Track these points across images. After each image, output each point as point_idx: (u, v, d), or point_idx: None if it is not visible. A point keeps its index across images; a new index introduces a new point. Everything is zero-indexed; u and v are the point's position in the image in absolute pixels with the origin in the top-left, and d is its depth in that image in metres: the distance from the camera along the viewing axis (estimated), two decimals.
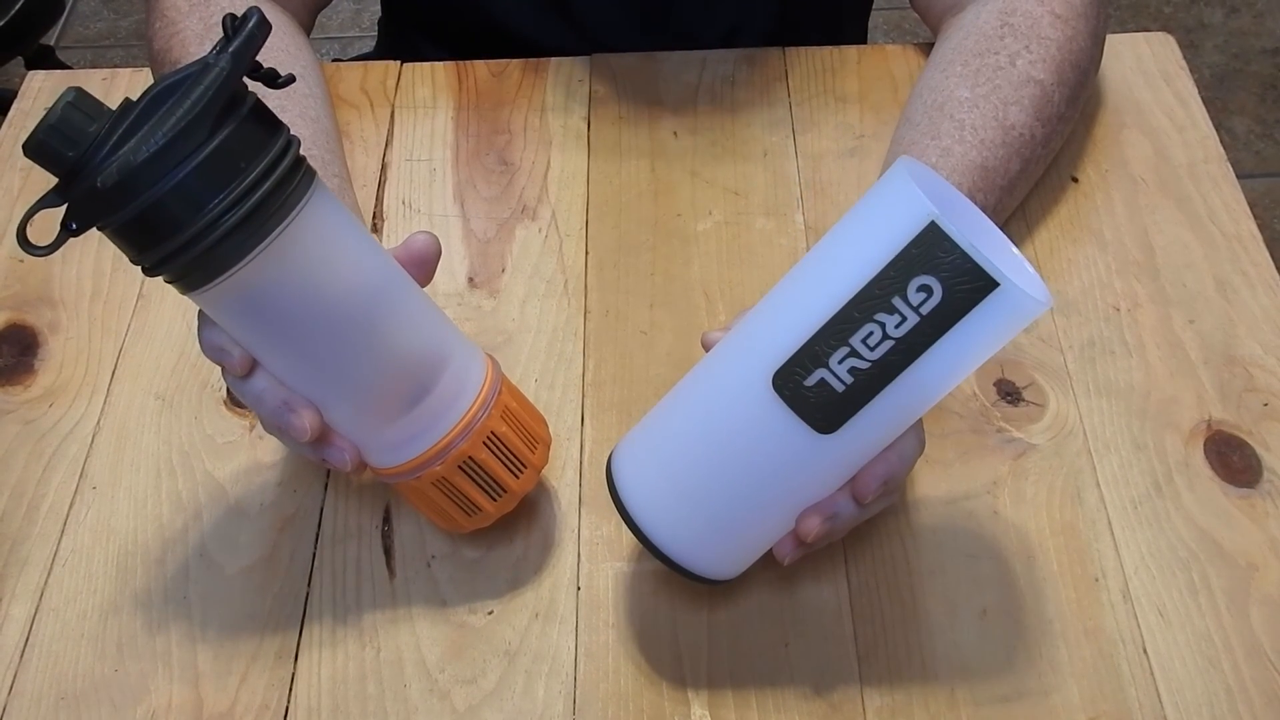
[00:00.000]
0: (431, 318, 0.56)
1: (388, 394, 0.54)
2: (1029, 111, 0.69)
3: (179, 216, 0.47)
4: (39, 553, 0.63)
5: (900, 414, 0.51)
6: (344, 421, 0.55)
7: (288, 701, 0.58)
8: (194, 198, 0.46)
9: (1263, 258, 0.73)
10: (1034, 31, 0.71)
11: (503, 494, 0.58)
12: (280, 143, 0.49)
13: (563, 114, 0.81)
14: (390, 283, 0.54)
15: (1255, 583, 0.60)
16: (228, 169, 0.47)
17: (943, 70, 0.72)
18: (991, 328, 0.47)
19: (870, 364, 0.48)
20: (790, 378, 0.49)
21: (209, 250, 0.47)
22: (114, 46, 2.10)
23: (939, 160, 0.67)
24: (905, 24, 2.07)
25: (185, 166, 0.46)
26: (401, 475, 0.56)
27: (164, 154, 0.45)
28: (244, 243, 0.48)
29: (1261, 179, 1.86)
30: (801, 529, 0.53)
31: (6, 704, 0.58)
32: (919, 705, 0.57)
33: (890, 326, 0.47)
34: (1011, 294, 0.46)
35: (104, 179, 0.45)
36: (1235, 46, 2.04)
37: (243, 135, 0.47)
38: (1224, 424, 0.66)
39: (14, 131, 0.82)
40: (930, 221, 0.45)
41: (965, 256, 0.45)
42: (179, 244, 0.47)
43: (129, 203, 0.46)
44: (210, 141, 0.46)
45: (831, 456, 0.51)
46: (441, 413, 0.55)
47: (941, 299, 0.46)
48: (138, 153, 0.45)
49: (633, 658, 0.58)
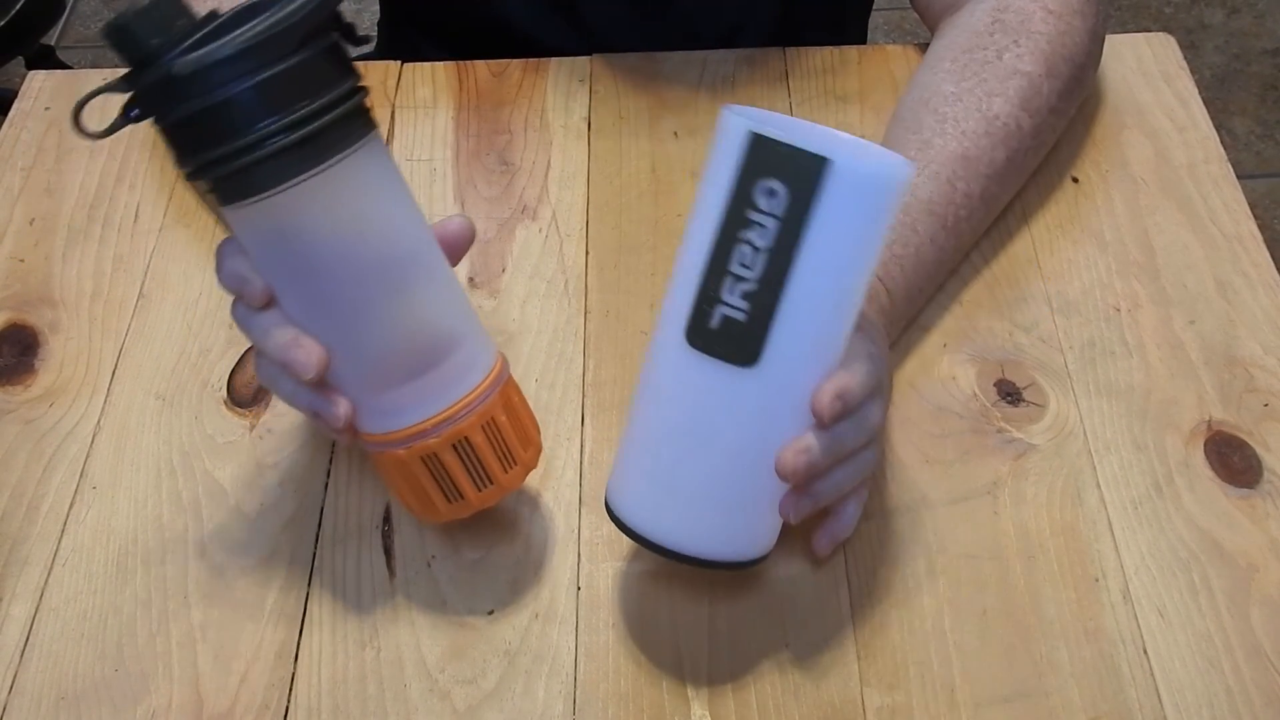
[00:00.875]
0: (455, 296, 0.56)
1: (397, 358, 0.54)
2: (1014, 102, 0.69)
3: (239, 122, 0.48)
4: (39, 552, 0.63)
5: (815, 322, 0.51)
6: (345, 377, 0.54)
7: (288, 701, 0.58)
8: (260, 107, 0.48)
9: (1263, 258, 0.73)
10: (1024, 27, 0.71)
11: (489, 484, 0.56)
12: (351, 83, 0.51)
13: (563, 114, 0.81)
14: (424, 251, 0.54)
15: (1256, 583, 0.60)
16: (299, 90, 0.48)
17: (932, 68, 0.72)
18: (851, 205, 0.49)
19: (756, 282, 0.49)
20: (698, 327, 0.51)
21: (257, 164, 0.48)
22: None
23: (918, 153, 0.68)
24: (905, 24, 2.07)
25: (261, 74, 0.47)
26: (391, 444, 0.55)
27: (244, 56, 0.47)
28: (292, 166, 0.49)
29: (1262, 179, 1.86)
30: (778, 468, 0.52)
31: (6, 704, 0.58)
32: (919, 706, 0.57)
33: (757, 240, 0.49)
34: (850, 166, 0.47)
35: (180, 67, 0.46)
36: (1236, 47, 2.04)
37: (320, 64, 0.49)
38: (1224, 424, 0.66)
39: (14, 131, 0.82)
40: (749, 133, 0.48)
41: (789, 147, 0.48)
42: (231, 150, 0.48)
43: (198, 97, 0.47)
44: (291, 57, 0.48)
45: (771, 389, 0.51)
46: (445, 387, 0.55)
47: (788, 194, 0.48)
48: (220, 50, 0.46)
49: (633, 658, 0.58)
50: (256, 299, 0.53)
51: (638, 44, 0.85)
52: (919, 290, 0.67)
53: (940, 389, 0.67)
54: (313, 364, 0.52)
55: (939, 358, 0.69)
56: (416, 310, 0.54)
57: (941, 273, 0.69)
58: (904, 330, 0.69)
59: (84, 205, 0.78)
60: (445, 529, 0.63)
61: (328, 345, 0.53)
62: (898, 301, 0.65)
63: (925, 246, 0.66)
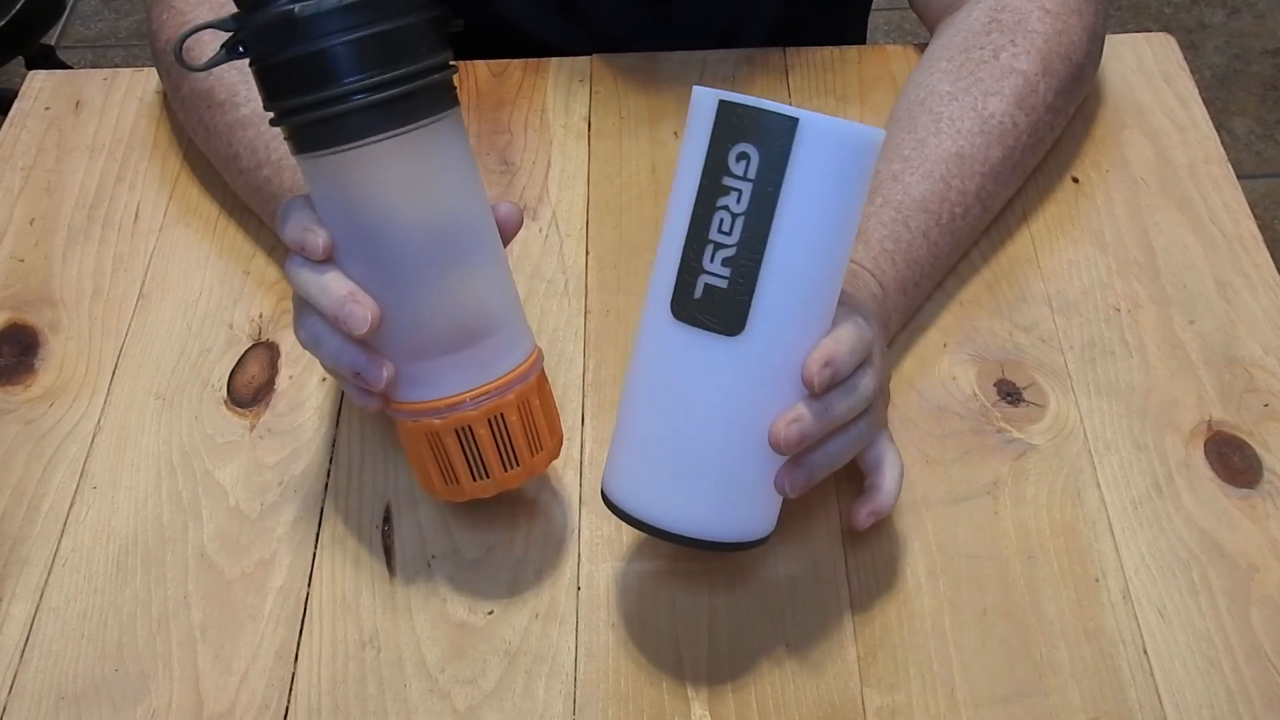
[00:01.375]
0: (506, 278, 0.57)
1: (445, 328, 0.55)
2: (1009, 100, 0.69)
3: (340, 71, 0.50)
4: (39, 552, 0.63)
5: (797, 287, 0.51)
6: (391, 341, 0.55)
7: (288, 701, 0.58)
8: (362, 61, 0.50)
9: (1263, 258, 0.73)
10: (1021, 26, 0.71)
11: (516, 465, 0.57)
12: (445, 56, 0.53)
13: (563, 114, 0.81)
14: (484, 229, 0.56)
15: (1256, 584, 0.60)
16: (400, 52, 0.51)
17: (929, 68, 0.72)
18: (824, 164, 0.49)
19: (735, 248, 0.50)
20: (682, 299, 0.51)
21: (347, 114, 0.50)
22: (114, 46, 2.10)
23: (913, 151, 0.68)
24: (905, 24, 2.07)
25: (374, 27, 0.50)
26: (427, 414, 0.56)
27: (362, 7, 0.49)
28: (380, 122, 0.51)
29: (1262, 179, 1.86)
30: (771, 440, 0.52)
31: (6, 704, 0.58)
32: (919, 706, 0.57)
33: (734, 205, 0.49)
34: (818, 124, 0.48)
35: (302, 9, 0.49)
36: (1236, 47, 2.04)
37: (424, 31, 0.52)
38: (1224, 425, 0.66)
39: (14, 131, 0.82)
40: (718, 101, 0.49)
41: (757, 110, 0.48)
42: (327, 97, 0.50)
43: (308, 40, 0.49)
44: (402, 18, 0.50)
45: (758, 357, 0.51)
46: (487, 363, 0.56)
47: (760, 157, 0.49)
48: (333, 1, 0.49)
49: (633, 657, 0.58)
50: (319, 252, 0.53)
51: (638, 40, 0.85)
52: (914, 285, 0.67)
53: (940, 389, 0.68)
54: (367, 319, 0.53)
55: (939, 358, 0.69)
56: (470, 284, 0.55)
57: (938, 269, 0.69)
58: (902, 327, 0.69)
59: (84, 205, 0.78)
60: (445, 528, 0.63)
61: (381, 304, 0.54)
62: (890, 294, 0.65)
63: (917, 242, 0.66)
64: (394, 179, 0.52)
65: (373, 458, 0.66)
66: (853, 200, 0.51)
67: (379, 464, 0.65)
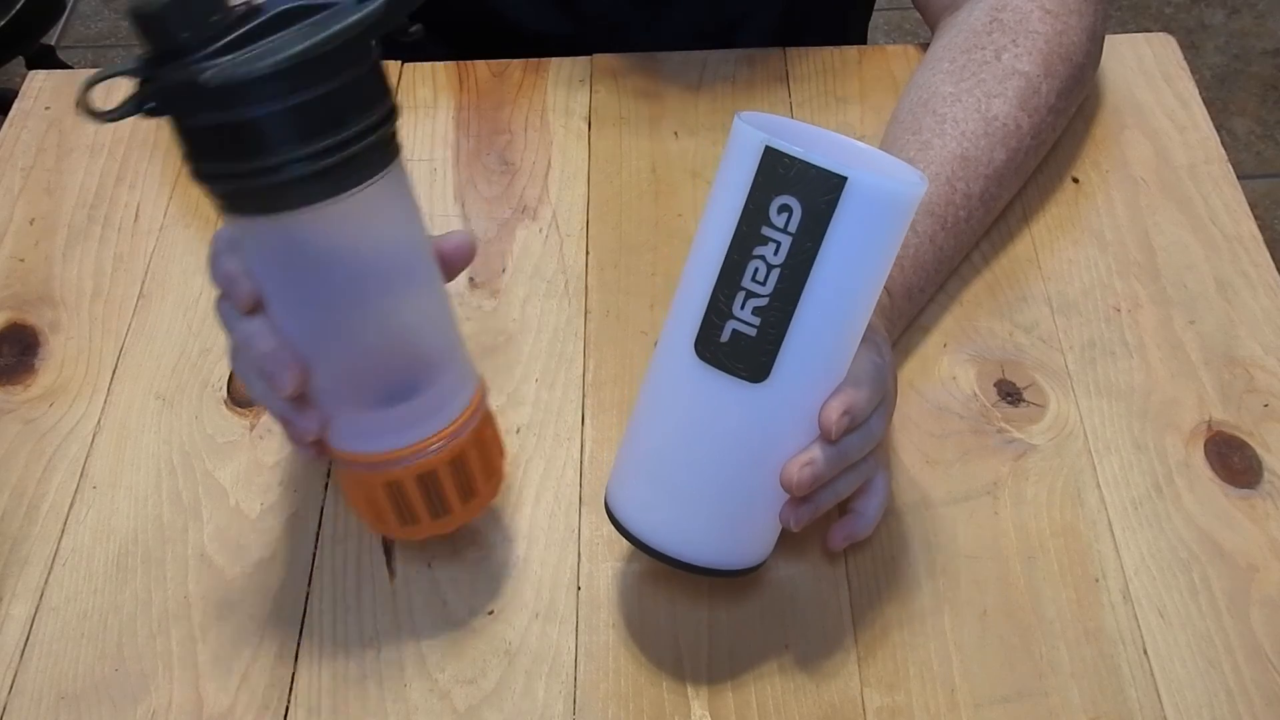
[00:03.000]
0: (446, 328, 0.54)
1: (378, 384, 0.53)
2: (1013, 102, 0.69)
3: (261, 145, 0.44)
4: (39, 552, 0.63)
5: (825, 339, 0.50)
6: (322, 392, 0.52)
7: (288, 701, 0.58)
8: (287, 133, 0.44)
9: (1263, 259, 0.73)
10: (1022, 26, 0.71)
11: (445, 515, 0.56)
12: (385, 108, 0.47)
13: (564, 114, 0.81)
14: (424, 282, 0.53)
15: (1256, 584, 0.60)
16: (331, 118, 0.44)
17: (931, 68, 0.72)
18: (865, 223, 0.48)
19: (768, 298, 0.49)
20: (707, 340, 0.50)
21: (273, 187, 0.45)
22: (114, 46, 2.10)
23: (918, 154, 0.68)
24: (906, 24, 2.07)
25: (294, 98, 0.43)
26: (359, 465, 0.54)
27: (282, 77, 0.42)
28: (310, 193, 0.46)
29: (1262, 180, 1.86)
30: (784, 482, 0.52)
31: (6, 703, 0.58)
32: (919, 706, 0.57)
33: (770, 256, 0.48)
34: (866, 184, 0.47)
35: (209, 76, 0.42)
36: (1236, 47, 2.04)
37: (358, 90, 0.45)
38: (1224, 425, 0.66)
39: (15, 131, 0.82)
40: (765, 146, 0.47)
41: (805, 164, 0.47)
42: (245, 170, 0.45)
43: (220, 109, 0.43)
44: (332, 81, 0.43)
45: (779, 404, 0.51)
46: (421, 419, 0.53)
47: (803, 212, 0.47)
48: (257, 63, 0.42)
49: (633, 658, 0.58)
50: (244, 305, 0.50)
51: (631, 30, 0.85)
52: (919, 290, 0.67)
53: (940, 389, 0.67)
54: (290, 384, 0.50)
55: (939, 358, 0.69)
56: (405, 340, 0.53)
57: (941, 273, 0.69)
58: (905, 330, 0.69)
59: (84, 205, 0.78)
60: None
61: (310, 359, 0.51)
62: (897, 301, 0.65)
63: (924, 246, 0.66)
64: (327, 240, 0.48)
65: None
66: (889, 254, 0.50)
67: None
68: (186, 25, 0.42)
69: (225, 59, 0.42)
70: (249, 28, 0.43)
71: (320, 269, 0.49)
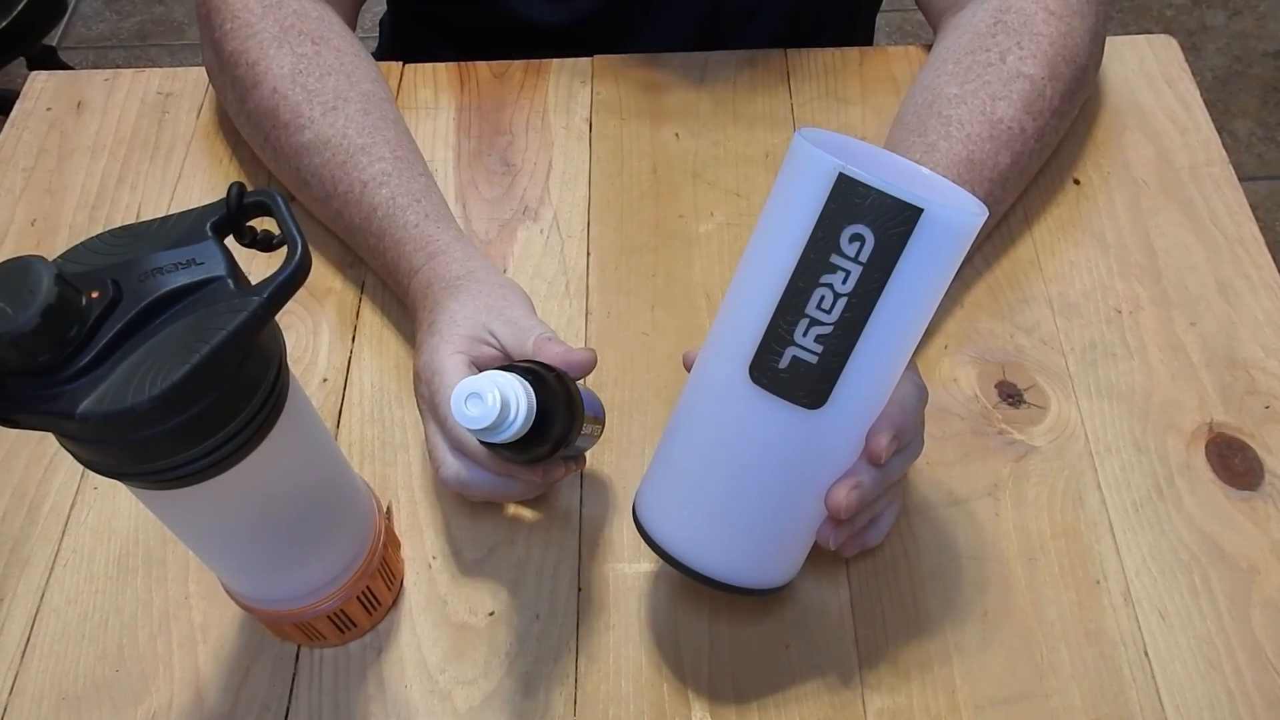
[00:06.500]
0: (346, 512, 0.55)
1: (280, 576, 0.54)
2: (1017, 105, 0.69)
3: (146, 456, 0.41)
4: (40, 553, 0.63)
5: (883, 366, 0.50)
6: (226, 573, 0.54)
7: (288, 701, 0.58)
8: (173, 445, 0.41)
9: (1264, 260, 0.73)
10: (1026, 28, 0.71)
11: (351, 629, 0.58)
12: (271, 376, 0.44)
13: (565, 115, 0.81)
14: (320, 497, 0.53)
15: (1257, 585, 0.60)
16: (218, 419, 0.42)
17: (935, 70, 0.72)
18: (935, 254, 0.47)
19: (833, 326, 0.48)
20: (764, 365, 0.49)
21: (163, 474, 0.42)
22: (116, 47, 2.11)
23: (923, 156, 0.68)
24: (908, 25, 2.07)
25: (176, 419, 0.40)
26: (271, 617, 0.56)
27: (158, 410, 0.38)
28: (201, 474, 0.43)
29: (1263, 181, 1.86)
30: (831, 506, 0.52)
31: (8, 704, 0.58)
32: (920, 707, 0.57)
33: (838, 284, 0.47)
34: (940, 215, 0.46)
35: (85, 411, 0.37)
36: (1237, 49, 2.04)
37: (242, 381, 0.42)
38: (1225, 427, 0.66)
39: (16, 132, 0.82)
40: (839, 173, 0.46)
41: (882, 195, 0.45)
42: (126, 472, 0.42)
43: (101, 438, 0.40)
44: (213, 393, 0.41)
45: (833, 429, 0.51)
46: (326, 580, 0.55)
47: (876, 242, 0.46)
48: (129, 397, 0.38)
49: (633, 659, 0.58)
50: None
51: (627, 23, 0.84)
52: None
53: (942, 391, 0.67)
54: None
55: (940, 359, 0.69)
56: (304, 545, 0.53)
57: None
58: None
59: (85, 206, 0.78)
60: (446, 529, 0.63)
61: (209, 555, 0.52)
62: None
63: None
64: (219, 497, 0.46)
65: (373, 459, 0.66)
66: (948, 281, 0.50)
67: (379, 465, 0.65)
68: (46, 345, 0.38)
69: (101, 385, 0.38)
70: (124, 324, 0.39)
71: (211, 516, 0.48)
